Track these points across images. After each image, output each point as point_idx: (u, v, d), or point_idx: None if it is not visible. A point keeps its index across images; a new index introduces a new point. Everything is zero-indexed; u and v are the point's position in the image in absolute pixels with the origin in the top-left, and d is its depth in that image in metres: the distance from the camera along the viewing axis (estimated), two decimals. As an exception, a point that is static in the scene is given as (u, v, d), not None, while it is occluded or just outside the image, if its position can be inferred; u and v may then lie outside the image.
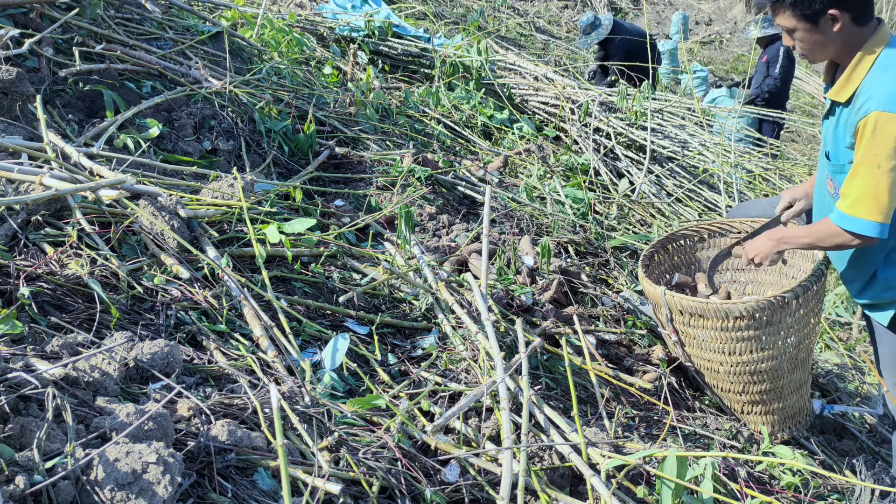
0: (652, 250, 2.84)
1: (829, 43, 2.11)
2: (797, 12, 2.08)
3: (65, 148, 2.32)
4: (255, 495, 1.47)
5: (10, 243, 1.94)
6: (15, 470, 1.21)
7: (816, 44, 2.13)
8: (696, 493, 1.66)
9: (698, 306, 2.39)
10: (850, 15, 2.06)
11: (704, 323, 2.41)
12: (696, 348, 2.52)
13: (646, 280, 2.58)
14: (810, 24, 2.09)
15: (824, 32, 2.09)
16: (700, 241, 2.94)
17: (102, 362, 1.58)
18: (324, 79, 4.55)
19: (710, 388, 2.63)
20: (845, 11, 2.05)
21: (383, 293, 2.53)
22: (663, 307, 2.48)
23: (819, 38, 2.11)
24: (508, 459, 1.68)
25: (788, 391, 2.55)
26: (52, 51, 2.98)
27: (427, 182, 3.48)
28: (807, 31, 2.11)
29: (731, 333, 2.39)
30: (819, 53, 2.17)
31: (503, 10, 9.59)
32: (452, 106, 4.97)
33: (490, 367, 2.10)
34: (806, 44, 2.15)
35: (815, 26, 2.09)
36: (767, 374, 2.46)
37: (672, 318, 2.49)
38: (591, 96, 5.24)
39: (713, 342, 2.44)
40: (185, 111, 3.05)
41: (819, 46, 2.14)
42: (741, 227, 2.83)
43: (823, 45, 2.13)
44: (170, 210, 2.20)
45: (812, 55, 2.19)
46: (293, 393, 1.77)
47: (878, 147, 1.99)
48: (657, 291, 2.48)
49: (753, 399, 2.53)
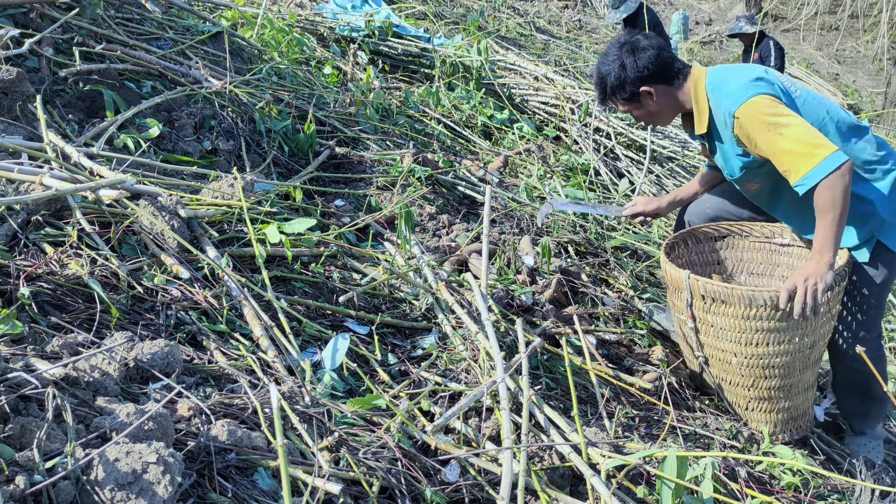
0: (674, 241, 2.82)
1: (658, 110, 2.47)
2: (620, 98, 2.46)
3: (65, 148, 2.32)
4: (255, 495, 1.47)
5: (11, 243, 1.94)
6: (15, 470, 1.21)
7: (649, 114, 2.49)
8: (696, 493, 1.66)
9: (722, 291, 2.37)
10: (661, 84, 2.42)
11: (726, 310, 2.39)
12: (711, 337, 2.50)
13: (669, 263, 2.56)
14: (635, 103, 2.46)
15: (648, 105, 2.46)
16: (719, 241, 2.93)
17: (102, 362, 1.58)
18: (324, 79, 4.55)
19: (717, 383, 2.62)
20: (654, 84, 2.41)
21: (383, 293, 2.53)
22: (684, 291, 2.47)
23: (647, 110, 2.47)
24: (508, 459, 1.68)
25: (797, 391, 2.55)
26: (52, 51, 2.98)
27: (427, 182, 3.48)
28: (636, 109, 2.48)
29: (752, 323, 2.37)
30: (658, 120, 2.53)
31: (503, 10, 9.59)
32: (452, 106, 4.97)
33: (490, 367, 2.10)
34: (643, 118, 2.51)
35: (639, 103, 2.45)
36: (780, 369, 2.46)
37: (692, 304, 2.49)
38: (591, 96, 5.24)
39: (731, 331, 2.42)
40: (185, 111, 3.06)
41: (653, 116, 2.50)
42: (761, 231, 2.83)
43: (656, 114, 2.49)
44: (170, 210, 2.20)
45: (655, 123, 2.55)
46: (293, 393, 1.77)
47: (762, 126, 2.21)
48: (681, 275, 2.46)
49: (761, 395, 2.52)
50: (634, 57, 2.38)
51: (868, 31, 14.01)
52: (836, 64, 13.12)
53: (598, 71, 2.47)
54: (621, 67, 2.39)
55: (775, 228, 2.81)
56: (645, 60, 2.38)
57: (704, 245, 2.92)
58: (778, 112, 2.20)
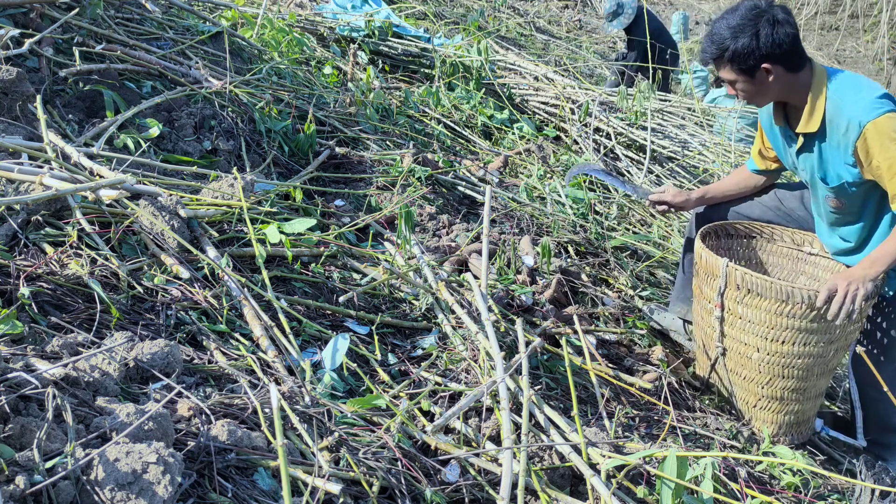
0: (707, 231, 2.77)
1: (767, 91, 2.37)
2: (735, 67, 2.33)
3: (65, 148, 2.32)
4: (255, 495, 1.47)
5: (10, 243, 1.94)
6: (15, 470, 1.21)
7: (756, 93, 2.39)
8: (696, 493, 1.66)
9: (760, 283, 2.35)
10: (783, 66, 2.31)
11: (759, 303, 2.38)
12: (736, 329, 2.48)
13: (706, 250, 2.53)
14: (748, 77, 2.34)
15: (762, 83, 2.35)
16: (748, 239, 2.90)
17: (102, 362, 1.58)
18: (324, 79, 4.55)
19: (729, 377, 2.59)
20: (777, 64, 2.30)
21: (383, 293, 2.53)
22: (718, 279, 2.45)
23: (757, 87, 2.37)
24: (508, 459, 1.68)
25: (809, 395, 2.54)
26: (52, 51, 2.98)
27: (427, 182, 3.48)
28: (746, 83, 2.36)
29: (784, 319, 2.36)
30: (760, 100, 2.44)
31: (503, 10, 9.59)
32: (452, 106, 4.97)
33: (490, 367, 2.10)
34: (747, 93, 2.40)
35: (752, 78, 2.34)
36: (799, 371, 2.45)
37: (724, 293, 2.47)
38: (591, 96, 5.24)
39: (760, 325, 2.40)
40: (185, 111, 3.05)
41: (758, 94, 2.40)
42: (791, 238, 2.81)
43: (762, 93, 2.39)
44: (170, 210, 2.20)
45: (753, 101, 2.46)
46: (293, 393, 1.77)
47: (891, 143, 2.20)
48: (718, 262, 2.44)
49: (774, 394, 2.51)
50: (773, 29, 2.25)
51: (868, 31, 14.02)
52: (836, 64, 13.12)
53: (720, 31, 2.31)
54: (754, 36, 2.25)
55: (806, 237, 2.79)
56: (782, 37, 2.26)
57: (734, 241, 2.90)
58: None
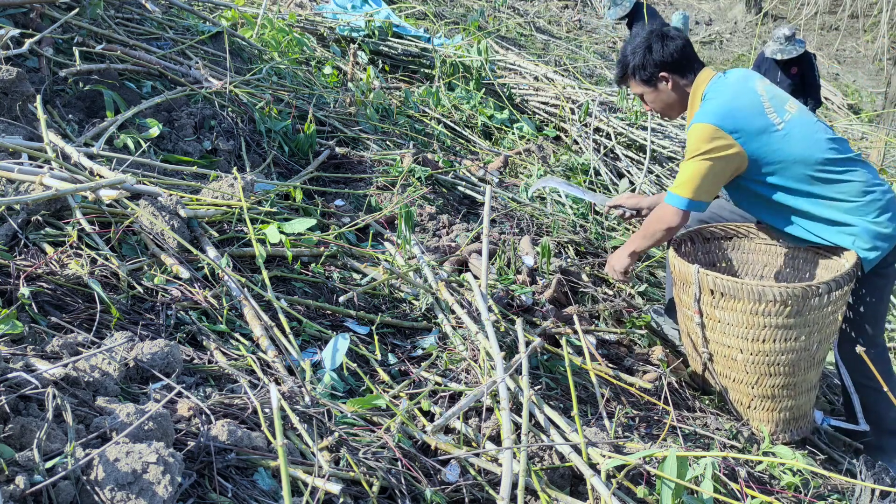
0: (681, 238, 2.83)
1: (668, 98, 2.63)
2: (637, 79, 2.63)
3: (65, 148, 2.32)
4: (255, 495, 1.47)
5: (10, 243, 1.94)
6: (15, 470, 1.21)
7: (662, 101, 2.65)
8: (696, 493, 1.66)
9: (732, 286, 2.38)
10: (678, 74, 2.59)
11: (734, 305, 2.40)
12: (717, 333, 2.50)
13: (678, 258, 2.58)
14: (652, 87, 2.63)
15: (663, 91, 2.62)
16: (724, 241, 2.92)
17: (102, 362, 1.57)
18: (324, 79, 4.55)
19: (720, 380, 2.61)
20: (672, 73, 2.59)
21: (383, 293, 2.53)
22: (693, 286, 2.48)
23: (661, 96, 2.64)
24: (508, 459, 1.68)
25: (800, 390, 2.55)
26: (52, 51, 2.98)
27: (427, 182, 3.48)
28: (651, 93, 2.64)
29: (760, 318, 2.38)
30: (669, 111, 2.69)
31: (503, 10, 9.59)
32: (452, 106, 4.97)
33: (490, 367, 2.10)
34: (655, 104, 2.67)
35: (655, 88, 2.63)
36: (785, 367, 2.46)
37: (699, 299, 2.49)
38: (591, 96, 5.24)
39: (738, 326, 2.42)
40: (185, 111, 3.05)
41: (665, 104, 2.66)
42: (767, 234, 2.82)
43: (667, 102, 2.65)
44: (170, 210, 2.20)
45: (665, 114, 2.70)
46: (293, 393, 1.77)
47: (689, 146, 2.48)
48: (690, 270, 2.48)
49: (765, 393, 2.52)
50: (662, 43, 2.57)
51: (868, 31, 14.01)
52: (836, 64, 13.12)
53: (624, 50, 2.66)
54: (647, 50, 2.58)
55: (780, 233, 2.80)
56: (672, 48, 2.57)
57: (711, 244, 2.92)
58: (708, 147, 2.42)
